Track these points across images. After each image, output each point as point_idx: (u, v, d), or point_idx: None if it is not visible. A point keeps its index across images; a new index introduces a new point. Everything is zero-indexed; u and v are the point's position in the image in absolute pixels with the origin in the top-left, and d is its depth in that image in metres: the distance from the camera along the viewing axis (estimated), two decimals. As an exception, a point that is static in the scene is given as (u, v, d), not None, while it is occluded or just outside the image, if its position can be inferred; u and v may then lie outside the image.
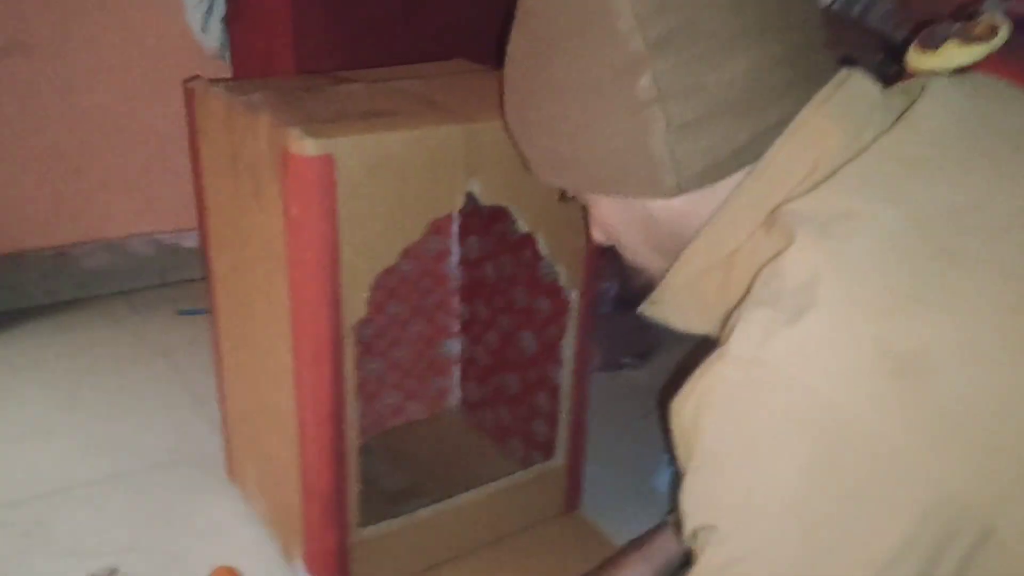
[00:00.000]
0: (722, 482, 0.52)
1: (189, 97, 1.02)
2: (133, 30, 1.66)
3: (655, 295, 0.70)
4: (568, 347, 1.10)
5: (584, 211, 0.77)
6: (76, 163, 1.70)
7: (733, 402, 0.51)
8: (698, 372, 0.54)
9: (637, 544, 0.98)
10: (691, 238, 0.64)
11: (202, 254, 1.11)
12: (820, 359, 0.49)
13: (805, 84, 0.61)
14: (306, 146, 0.81)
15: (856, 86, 0.62)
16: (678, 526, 0.58)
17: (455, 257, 1.31)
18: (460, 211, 1.26)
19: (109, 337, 1.64)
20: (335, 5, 1.45)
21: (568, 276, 1.05)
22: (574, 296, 1.07)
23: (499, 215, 1.01)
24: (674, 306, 0.69)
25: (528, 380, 1.22)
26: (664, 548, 0.96)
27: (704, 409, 0.53)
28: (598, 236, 0.77)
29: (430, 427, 1.36)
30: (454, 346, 1.37)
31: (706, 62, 0.59)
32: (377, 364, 1.31)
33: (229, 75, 1.59)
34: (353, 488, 0.97)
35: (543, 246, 1.02)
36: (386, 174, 0.86)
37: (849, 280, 0.50)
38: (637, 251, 0.73)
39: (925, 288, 0.50)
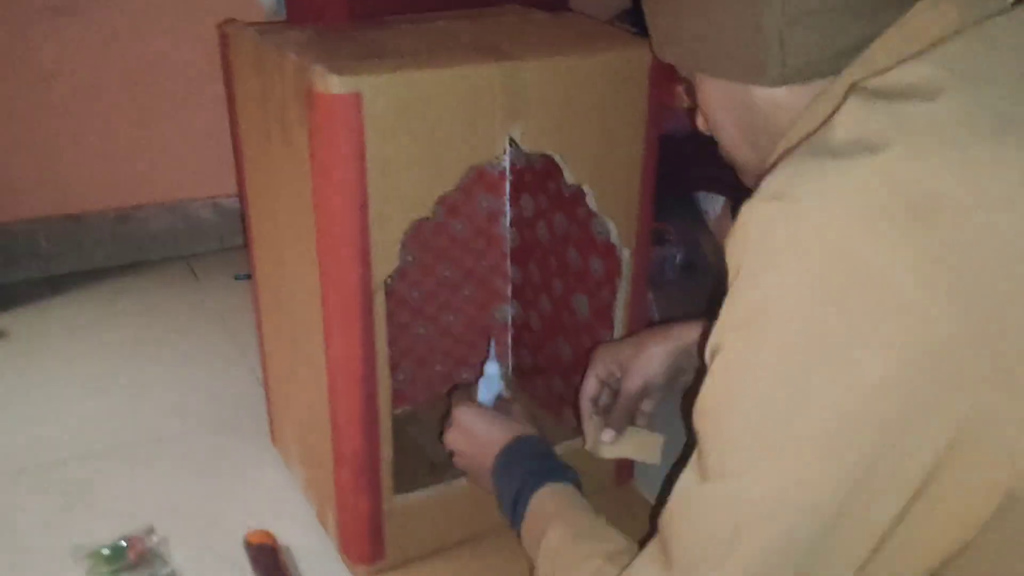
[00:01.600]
0: (739, 302, 0.55)
1: (223, 42, 0.98)
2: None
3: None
4: (620, 310, 1.03)
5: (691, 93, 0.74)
6: (137, 126, 1.69)
7: (760, 231, 0.53)
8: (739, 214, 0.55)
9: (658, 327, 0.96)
10: (786, 132, 0.63)
11: (241, 211, 1.07)
12: (837, 195, 0.51)
13: None
14: (331, 84, 0.76)
15: None
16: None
17: (507, 217, 1.25)
18: (512, 167, 1.22)
19: (168, 300, 1.63)
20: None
21: (620, 233, 0.98)
22: (626, 255, 1.00)
23: (552, 170, 0.95)
24: None
25: (581, 346, 1.15)
26: (687, 331, 0.92)
27: (737, 244, 0.55)
28: (700, 124, 0.75)
29: (481, 395, 1.31)
30: (506, 311, 1.31)
31: None
32: (427, 329, 1.26)
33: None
34: (387, 453, 0.92)
35: (592, 200, 0.95)
36: (418, 116, 0.80)
37: (887, 132, 0.51)
38: (733, 141, 0.70)
39: (963, 140, 0.51)
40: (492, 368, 0.99)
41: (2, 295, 1.62)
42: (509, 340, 1.33)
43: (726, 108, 0.69)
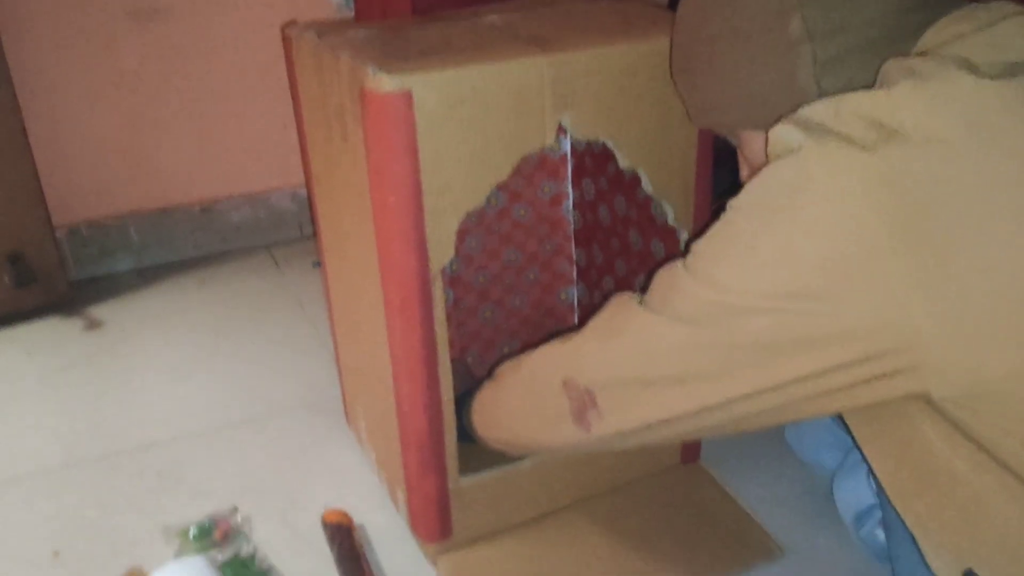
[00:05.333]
0: (748, 190, 0.66)
1: (286, 44, 1.01)
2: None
3: None
4: (680, 291, 1.04)
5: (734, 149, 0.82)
6: (218, 121, 1.76)
7: (771, 141, 0.64)
8: None
9: None
10: None
11: (310, 205, 1.11)
12: (831, 120, 0.60)
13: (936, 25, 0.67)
14: (382, 83, 0.79)
15: (989, 7, 0.66)
16: None
17: (570, 201, 1.26)
18: (573, 151, 1.23)
19: (250, 288, 1.70)
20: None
21: (676, 214, 0.98)
22: (684, 237, 1.00)
23: (611, 153, 0.96)
24: None
25: (645, 327, 1.16)
26: None
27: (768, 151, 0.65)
28: (746, 175, 0.81)
29: (549, 376, 1.33)
30: (572, 293, 1.32)
31: (848, 5, 0.67)
32: (494, 312, 1.29)
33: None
34: (451, 436, 0.95)
35: (647, 183, 0.95)
36: (468, 110, 0.82)
37: (892, 76, 0.61)
38: None
39: (950, 78, 0.58)
40: None
41: (98, 287, 1.71)
42: (576, 321, 1.34)
43: None
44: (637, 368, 0.73)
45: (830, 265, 0.59)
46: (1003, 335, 0.56)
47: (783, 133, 0.63)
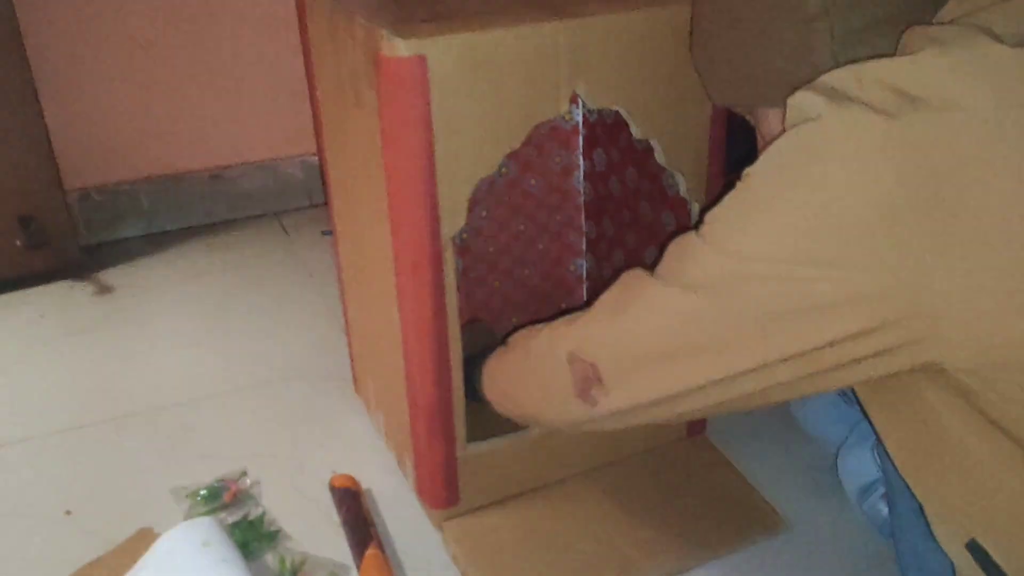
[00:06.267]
0: (769, 152, 0.64)
1: (300, 7, 1.01)
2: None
3: None
4: (690, 263, 1.04)
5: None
6: (229, 89, 1.75)
7: (791, 107, 0.63)
8: None
9: None
10: None
11: (321, 171, 1.11)
12: (855, 89, 0.60)
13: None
14: (397, 47, 0.78)
15: None
16: None
17: (581, 172, 1.26)
18: (585, 121, 1.23)
19: (259, 255, 1.71)
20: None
21: (689, 186, 0.98)
22: (696, 209, 1.00)
23: (624, 124, 0.95)
24: None
25: (654, 300, 1.16)
26: None
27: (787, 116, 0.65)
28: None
29: (556, 347, 1.33)
30: (581, 265, 1.33)
31: None
32: (503, 283, 1.29)
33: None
34: (459, 403, 0.96)
35: (659, 154, 0.95)
36: (483, 76, 0.82)
37: (919, 44, 0.60)
38: None
39: (974, 44, 0.58)
40: None
41: (109, 252, 1.72)
42: (584, 293, 1.34)
43: None
44: (644, 341, 0.72)
45: (848, 230, 0.59)
46: (1021, 301, 0.56)
47: (803, 100, 0.62)
